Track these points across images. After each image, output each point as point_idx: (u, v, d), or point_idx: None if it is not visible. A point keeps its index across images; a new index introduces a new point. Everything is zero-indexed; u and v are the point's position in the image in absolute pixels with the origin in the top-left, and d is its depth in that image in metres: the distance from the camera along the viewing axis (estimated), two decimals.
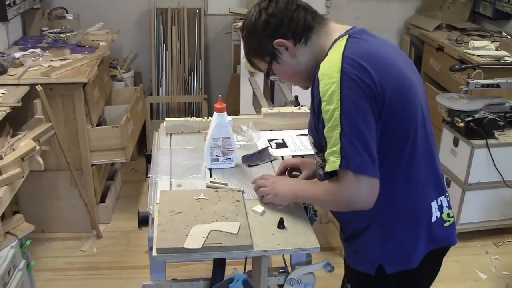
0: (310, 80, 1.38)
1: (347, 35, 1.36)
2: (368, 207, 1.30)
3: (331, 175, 1.34)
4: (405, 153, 1.35)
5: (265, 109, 2.20)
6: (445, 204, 1.46)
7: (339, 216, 1.52)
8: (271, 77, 1.49)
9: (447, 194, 1.49)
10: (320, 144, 1.37)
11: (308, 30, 1.39)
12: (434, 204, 1.43)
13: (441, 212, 1.45)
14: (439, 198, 1.45)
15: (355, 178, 1.26)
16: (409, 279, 1.44)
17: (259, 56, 1.46)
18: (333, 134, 1.26)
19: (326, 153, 1.29)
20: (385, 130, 1.30)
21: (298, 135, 2.08)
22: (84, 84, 2.79)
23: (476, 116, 2.82)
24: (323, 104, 1.28)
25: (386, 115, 1.29)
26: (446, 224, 1.46)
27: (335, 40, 1.37)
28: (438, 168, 1.47)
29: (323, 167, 1.39)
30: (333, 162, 1.27)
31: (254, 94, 3.03)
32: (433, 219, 1.42)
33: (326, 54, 1.36)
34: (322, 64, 1.31)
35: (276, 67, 1.44)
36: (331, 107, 1.26)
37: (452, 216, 1.48)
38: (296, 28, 1.39)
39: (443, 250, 1.50)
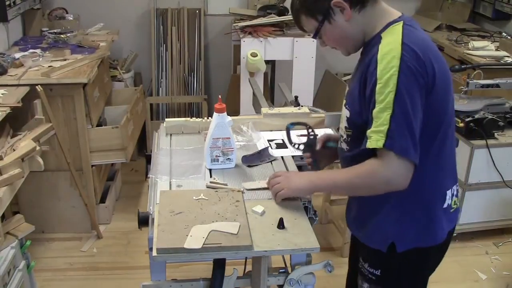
0: (355, 48, 1.49)
1: (402, 21, 1.40)
2: (403, 189, 1.36)
3: (358, 153, 1.40)
4: (436, 139, 1.41)
5: (265, 110, 2.20)
6: (454, 192, 1.54)
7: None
8: (317, 39, 1.50)
9: (457, 183, 1.57)
10: (354, 119, 1.44)
11: None
12: (449, 192, 1.51)
13: (451, 200, 1.52)
14: (453, 187, 1.53)
15: (397, 159, 1.32)
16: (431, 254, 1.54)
17: (311, 13, 1.45)
18: (382, 115, 1.31)
19: (369, 130, 1.34)
20: (425, 117, 1.35)
21: (298, 135, 2.08)
22: (84, 85, 2.79)
23: (476, 116, 2.82)
24: (378, 85, 1.32)
25: (429, 103, 1.35)
26: (452, 210, 1.53)
27: (389, 24, 1.40)
28: (455, 158, 1.54)
29: (347, 142, 1.49)
30: (376, 140, 1.32)
31: (254, 94, 3.03)
32: (445, 205, 1.50)
33: (379, 35, 1.40)
34: (381, 47, 1.35)
35: (326, 28, 1.45)
36: (387, 90, 1.30)
37: (457, 203, 1.56)
38: None
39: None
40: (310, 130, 1.76)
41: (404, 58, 1.31)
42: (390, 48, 1.33)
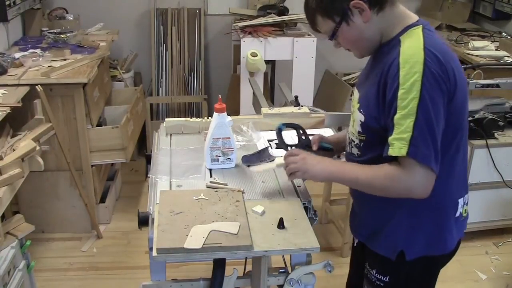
0: (370, 51, 1.45)
1: (421, 25, 1.37)
2: (424, 197, 1.34)
3: (371, 158, 1.39)
4: (451, 147, 1.39)
5: (265, 109, 2.20)
6: (466, 201, 1.54)
7: (368, 199, 1.49)
8: (333, 41, 1.46)
9: (468, 191, 1.56)
10: (370, 124, 1.40)
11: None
12: (461, 201, 1.50)
13: (462, 208, 1.52)
14: (465, 195, 1.52)
15: (421, 168, 1.30)
16: (439, 263, 1.55)
17: (328, 14, 1.39)
18: (405, 122, 1.28)
19: (391, 137, 1.32)
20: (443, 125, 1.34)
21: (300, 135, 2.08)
22: (84, 85, 2.79)
23: (476, 116, 2.82)
24: (401, 91, 1.29)
25: (449, 111, 1.33)
26: (462, 218, 1.54)
27: (408, 27, 1.38)
28: (467, 166, 1.55)
29: (359, 148, 1.46)
30: (399, 148, 1.30)
31: (254, 94, 3.03)
32: (457, 214, 1.50)
33: (397, 38, 1.37)
34: (402, 51, 1.32)
35: (343, 29, 1.40)
36: (410, 96, 1.27)
37: (467, 211, 1.56)
38: None
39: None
40: (301, 132, 1.73)
41: (427, 63, 1.28)
42: (412, 53, 1.30)
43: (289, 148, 1.73)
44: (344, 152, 1.64)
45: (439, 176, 1.36)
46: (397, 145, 1.30)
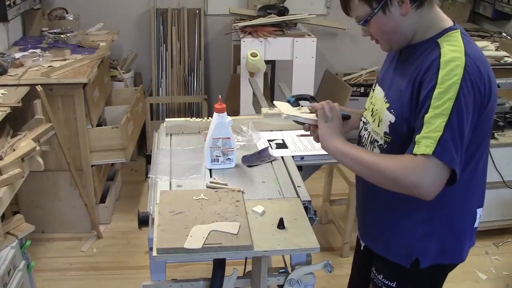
0: (399, 45, 1.41)
1: (459, 29, 1.36)
2: (428, 199, 1.28)
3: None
4: (475, 157, 1.37)
5: (265, 110, 2.20)
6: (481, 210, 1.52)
7: (388, 201, 1.45)
8: (362, 29, 1.42)
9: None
10: (400, 126, 1.36)
11: None
12: (479, 211, 1.49)
13: (479, 218, 1.52)
14: (483, 205, 1.51)
15: (441, 169, 1.25)
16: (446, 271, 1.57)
17: None
18: (436, 121, 1.24)
19: (419, 135, 1.27)
20: (471, 137, 1.31)
21: (298, 136, 2.08)
22: (84, 85, 2.79)
23: None
24: (437, 90, 1.25)
25: (479, 123, 1.31)
26: (477, 228, 1.55)
27: (445, 30, 1.36)
28: (486, 176, 1.50)
29: (382, 149, 1.43)
30: (425, 146, 1.24)
31: (254, 94, 3.02)
32: (475, 225, 1.50)
33: (434, 40, 1.35)
34: (443, 52, 1.29)
35: (378, 18, 1.35)
36: (446, 96, 1.24)
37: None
38: None
39: None
40: (313, 102, 1.65)
41: (468, 69, 1.25)
42: (454, 56, 1.28)
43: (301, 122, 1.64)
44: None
45: (460, 185, 1.31)
46: (424, 143, 1.25)
